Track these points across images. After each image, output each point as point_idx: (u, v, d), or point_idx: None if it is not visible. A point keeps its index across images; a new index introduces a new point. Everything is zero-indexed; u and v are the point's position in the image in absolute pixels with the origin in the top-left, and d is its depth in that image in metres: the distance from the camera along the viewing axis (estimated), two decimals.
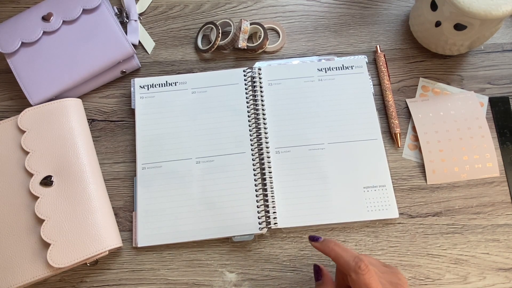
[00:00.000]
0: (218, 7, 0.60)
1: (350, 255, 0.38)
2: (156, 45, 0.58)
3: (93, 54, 0.53)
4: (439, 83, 0.56)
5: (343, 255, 0.38)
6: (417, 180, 0.51)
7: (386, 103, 0.54)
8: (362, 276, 0.36)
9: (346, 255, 0.38)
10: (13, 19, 0.54)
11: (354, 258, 0.37)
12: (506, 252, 0.48)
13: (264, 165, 0.51)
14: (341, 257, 0.38)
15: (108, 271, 0.48)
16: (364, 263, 0.37)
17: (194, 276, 0.48)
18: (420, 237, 0.49)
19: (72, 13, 0.53)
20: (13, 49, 0.52)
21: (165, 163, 0.51)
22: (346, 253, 0.38)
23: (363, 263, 0.37)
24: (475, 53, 0.57)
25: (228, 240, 0.49)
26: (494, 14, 0.46)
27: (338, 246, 0.39)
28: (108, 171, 0.52)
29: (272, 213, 0.49)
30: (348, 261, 0.37)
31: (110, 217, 0.48)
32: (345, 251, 0.38)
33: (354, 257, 0.37)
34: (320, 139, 0.52)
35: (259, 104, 0.53)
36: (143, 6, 0.59)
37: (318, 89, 0.54)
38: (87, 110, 0.54)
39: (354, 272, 0.36)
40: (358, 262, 0.37)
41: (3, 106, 0.55)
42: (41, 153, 0.48)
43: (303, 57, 0.57)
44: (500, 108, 0.54)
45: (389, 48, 0.58)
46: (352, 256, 0.37)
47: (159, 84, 0.54)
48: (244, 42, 0.56)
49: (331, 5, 0.60)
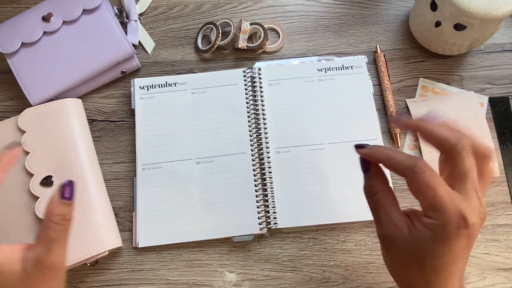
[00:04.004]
0: (218, 7, 0.60)
1: (404, 155, 0.32)
2: (156, 45, 0.58)
3: (93, 54, 0.53)
4: (439, 83, 0.56)
5: (396, 155, 0.33)
6: None
7: (386, 103, 0.54)
8: (421, 174, 0.31)
9: (399, 156, 0.32)
10: (13, 19, 0.54)
11: (409, 157, 0.32)
12: (506, 252, 0.48)
13: (264, 165, 0.51)
14: (393, 158, 0.33)
15: (108, 271, 0.48)
16: (422, 161, 0.31)
17: (194, 276, 0.48)
18: None
19: (72, 13, 0.53)
20: (13, 49, 0.52)
21: (165, 163, 0.51)
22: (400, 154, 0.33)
23: (422, 161, 0.31)
24: (475, 53, 0.57)
25: (228, 240, 0.49)
26: (494, 14, 0.46)
27: (389, 150, 0.34)
28: (108, 171, 0.52)
29: (272, 213, 0.49)
30: (402, 161, 0.32)
31: (110, 217, 0.49)
32: (398, 153, 0.33)
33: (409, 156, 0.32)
34: (320, 139, 0.52)
35: (259, 104, 0.53)
36: (143, 6, 0.59)
37: (318, 89, 0.54)
38: (87, 110, 0.55)
39: (411, 171, 0.31)
40: (415, 160, 0.31)
41: (3, 106, 0.55)
42: (41, 154, 0.48)
43: (303, 57, 0.57)
44: (500, 108, 0.54)
45: (389, 48, 0.58)
46: (406, 156, 0.32)
47: (159, 84, 0.55)
48: (244, 42, 0.56)
49: (331, 5, 0.60)
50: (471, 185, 0.31)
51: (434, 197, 0.30)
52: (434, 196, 0.30)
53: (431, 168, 0.31)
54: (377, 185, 0.35)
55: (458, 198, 0.30)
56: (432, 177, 0.31)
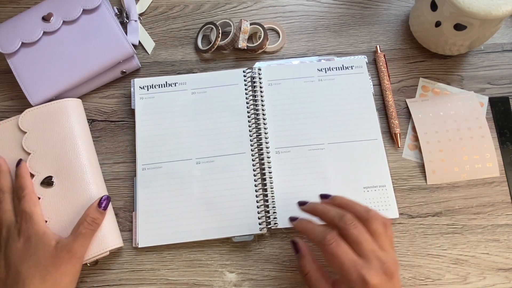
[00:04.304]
0: (218, 7, 0.60)
1: (319, 229, 0.39)
2: (156, 45, 0.58)
3: (93, 54, 0.53)
4: (439, 83, 0.56)
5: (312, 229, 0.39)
6: (417, 180, 0.51)
7: (386, 103, 0.54)
8: (328, 246, 0.37)
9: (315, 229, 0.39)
10: (13, 19, 0.54)
11: (323, 230, 0.38)
12: (506, 252, 0.48)
13: (264, 165, 0.51)
14: (310, 232, 0.39)
15: (108, 271, 0.48)
16: (331, 234, 0.37)
17: (194, 276, 0.48)
18: (420, 237, 0.49)
19: (72, 13, 0.53)
20: (13, 49, 0.52)
21: (165, 163, 0.51)
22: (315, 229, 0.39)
23: (330, 233, 0.37)
24: (475, 53, 0.57)
25: (228, 240, 0.49)
26: (494, 14, 0.46)
27: (308, 223, 0.41)
28: (108, 171, 0.52)
29: (272, 213, 0.49)
30: (315, 235, 0.38)
31: (111, 217, 0.49)
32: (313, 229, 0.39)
33: (322, 231, 0.38)
34: (320, 139, 0.52)
35: (259, 104, 0.53)
36: (143, 6, 0.59)
37: (318, 89, 0.54)
38: (87, 110, 0.55)
39: (321, 243, 0.37)
40: (325, 234, 0.37)
41: (3, 106, 0.55)
42: (42, 154, 0.48)
43: (303, 57, 0.57)
44: (500, 108, 0.54)
45: (389, 48, 0.58)
46: (321, 229, 0.38)
47: (159, 84, 0.55)
48: (244, 42, 0.56)
49: (331, 5, 0.60)
50: (367, 249, 0.36)
51: (340, 265, 0.36)
52: (339, 264, 0.36)
53: (338, 239, 0.37)
54: (307, 265, 0.41)
55: (360, 264, 0.36)
56: (337, 247, 0.36)
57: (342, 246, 0.37)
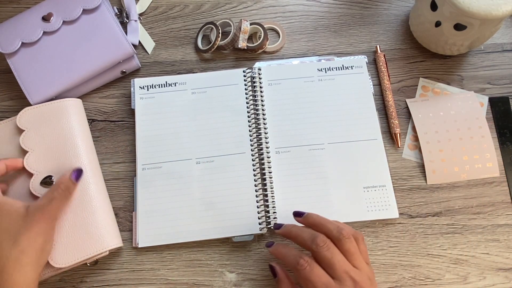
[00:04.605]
0: (218, 7, 0.60)
1: (293, 253, 0.40)
2: (156, 45, 0.58)
3: (93, 54, 0.53)
4: (439, 83, 0.56)
5: (285, 255, 0.40)
6: (417, 180, 0.51)
7: (386, 103, 0.54)
8: (302, 271, 0.38)
9: (288, 253, 0.40)
10: (13, 19, 0.54)
11: (296, 254, 0.39)
12: (506, 252, 0.48)
13: (264, 165, 0.51)
14: (284, 256, 0.40)
15: (108, 271, 0.48)
16: (304, 258, 0.38)
17: (194, 276, 0.48)
18: (420, 237, 0.49)
19: (72, 13, 0.53)
20: (13, 49, 0.52)
21: (165, 163, 0.51)
22: (290, 256, 0.40)
23: (303, 258, 0.38)
24: (475, 53, 0.57)
25: (228, 240, 0.49)
26: (494, 14, 0.46)
27: (283, 248, 0.41)
28: (108, 171, 0.52)
29: (272, 213, 0.49)
30: (290, 260, 0.39)
31: (111, 217, 0.48)
32: (287, 254, 0.40)
33: (295, 256, 0.39)
34: (320, 139, 0.52)
35: (259, 104, 0.53)
36: (143, 6, 0.59)
37: (318, 89, 0.54)
38: (87, 110, 0.55)
39: (295, 268, 0.38)
40: (298, 258, 0.38)
41: (3, 106, 0.55)
42: (41, 153, 0.48)
43: (303, 57, 0.57)
44: (500, 108, 0.54)
45: (389, 48, 0.58)
46: (295, 253, 0.39)
47: (159, 84, 0.55)
48: (244, 42, 0.56)
49: (331, 5, 0.60)
50: (340, 270, 0.37)
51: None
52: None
53: (311, 263, 0.38)
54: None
55: (333, 286, 0.37)
56: (310, 272, 0.37)
57: (315, 270, 0.38)
